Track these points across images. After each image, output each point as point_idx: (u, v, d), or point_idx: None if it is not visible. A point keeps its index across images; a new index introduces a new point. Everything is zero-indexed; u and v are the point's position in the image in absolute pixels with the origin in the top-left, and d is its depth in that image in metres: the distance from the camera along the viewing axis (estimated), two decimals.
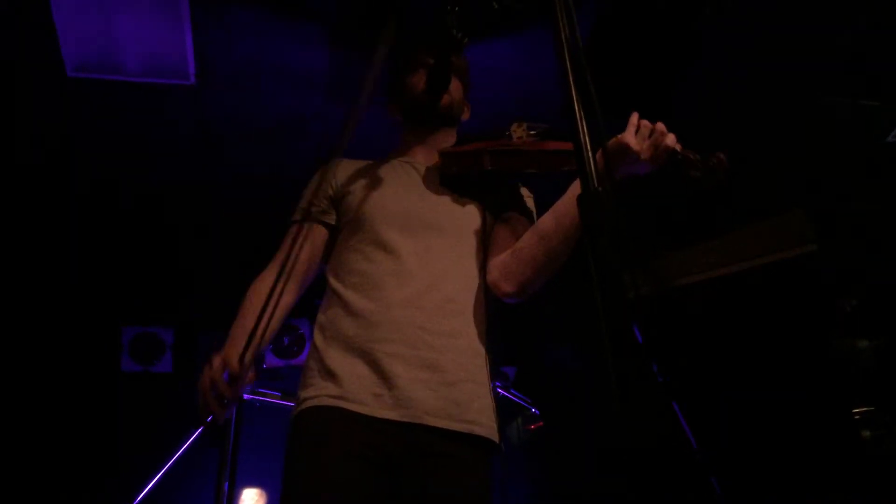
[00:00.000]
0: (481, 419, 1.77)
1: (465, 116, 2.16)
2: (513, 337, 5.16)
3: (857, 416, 2.21)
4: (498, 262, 1.90)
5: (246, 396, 3.88)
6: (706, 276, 2.25)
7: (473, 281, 1.89)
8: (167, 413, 4.99)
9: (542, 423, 5.01)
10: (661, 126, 1.76)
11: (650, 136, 1.74)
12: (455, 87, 2.03)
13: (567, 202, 1.80)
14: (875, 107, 3.37)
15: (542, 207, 1.93)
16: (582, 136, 1.10)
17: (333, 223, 2.00)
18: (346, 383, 1.72)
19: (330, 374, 1.75)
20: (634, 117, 1.75)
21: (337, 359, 1.77)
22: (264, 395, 4.00)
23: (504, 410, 4.96)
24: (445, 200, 1.97)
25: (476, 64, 2.16)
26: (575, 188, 1.75)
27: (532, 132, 1.92)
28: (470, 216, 1.95)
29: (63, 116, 3.97)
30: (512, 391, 4.87)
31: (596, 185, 1.05)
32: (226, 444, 3.72)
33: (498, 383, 4.74)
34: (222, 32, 3.47)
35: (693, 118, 3.91)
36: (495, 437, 1.79)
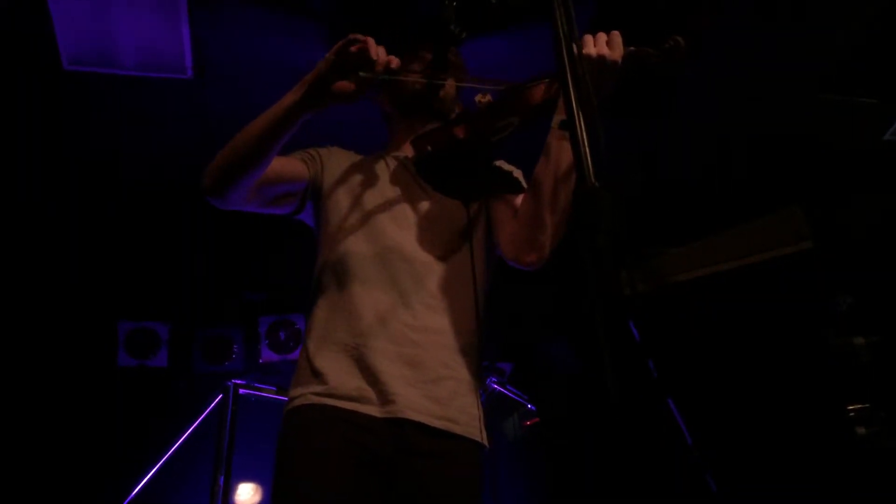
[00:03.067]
0: (461, 417, 1.76)
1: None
2: (509, 333, 5.17)
3: (852, 413, 2.21)
4: (506, 236, 1.87)
5: (242, 392, 3.89)
6: (702, 274, 2.25)
7: (460, 277, 1.87)
8: (163, 408, 5.00)
9: (537, 420, 5.01)
10: (613, 31, 1.73)
11: (609, 42, 1.70)
12: (451, 83, 2.02)
13: (551, 137, 1.75)
14: (872, 104, 3.38)
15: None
16: (579, 133, 1.10)
17: (312, 177, 1.98)
18: (333, 380, 1.72)
19: (316, 372, 1.75)
20: (587, 37, 1.70)
21: (324, 356, 1.76)
22: (260, 389, 4.01)
23: (500, 406, 4.98)
24: (430, 195, 1.96)
25: (473, 59, 2.16)
26: (557, 121, 1.73)
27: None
28: (456, 210, 1.93)
29: (59, 110, 3.96)
30: (508, 387, 4.87)
31: (593, 182, 1.05)
32: (221, 438, 3.72)
33: (494, 379, 4.75)
34: (220, 27, 3.46)
35: (691, 117, 3.92)
36: (476, 436, 1.77)
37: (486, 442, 1.81)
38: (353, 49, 1.63)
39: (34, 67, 3.61)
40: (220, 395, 3.92)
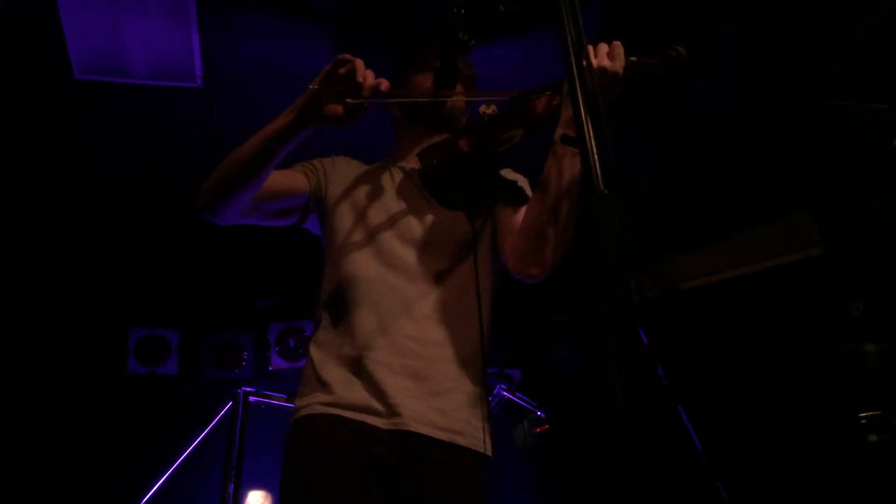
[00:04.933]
0: (466, 429, 1.77)
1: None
2: (518, 340, 5.16)
3: (863, 421, 2.20)
4: (509, 248, 1.87)
5: (251, 399, 3.89)
6: (711, 280, 2.24)
7: (465, 288, 1.87)
8: (173, 414, 5.01)
9: (547, 427, 5.00)
10: (614, 42, 1.72)
11: (610, 53, 1.69)
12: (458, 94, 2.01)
13: (553, 150, 1.73)
14: (883, 109, 3.36)
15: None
16: (588, 139, 1.10)
17: (314, 189, 1.99)
18: (339, 390, 1.74)
19: (322, 383, 1.76)
20: (588, 48, 1.70)
21: (329, 368, 1.78)
22: (269, 396, 4.01)
23: (509, 413, 4.97)
24: (435, 208, 1.95)
25: (481, 67, 2.16)
26: (559, 134, 1.71)
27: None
28: (461, 223, 1.93)
29: (71, 118, 3.99)
30: (517, 394, 4.87)
31: (602, 189, 1.05)
32: (231, 446, 3.72)
33: (503, 386, 4.75)
34: (229, 35, 3.48)
35: (700, 121, 3.91)
36: (480, 448, 1.78)
37: (490, 453, 1.81)
38: (341, 71, 1.63)
39: (46, 76, 3.64)
40: (230, 403, 3.92)
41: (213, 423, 4.40)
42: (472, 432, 1.77)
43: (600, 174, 1.07)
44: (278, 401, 4.00)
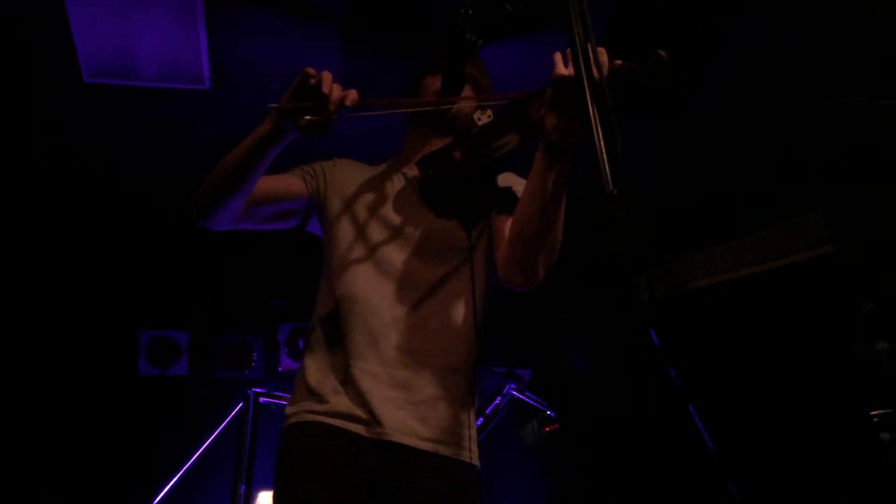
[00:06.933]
0: (450, 439, 1.78)
1: None
2: (529, 340, 5.15)
3: (875, 419, 2.19)
4: (499, 257, 1.86)
5: (262, 400, 3.90)
6: (722, 279, 2.24)
7: (459, 297, 1.87)
8: (183, 415, 5.02)
9: (557, 426, 4.99)
10: (598, 48, 1.69)
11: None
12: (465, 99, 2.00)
13: (538, 158, 1.68)
14: (893, 106, 3.35)
15: None
16: (597, 138, 1.10)
17: (312, 193, 1.99)
18: (327, 399, 1.76)
19: (312, 391, 1.79)
20: (558, 55, 1.64)
21: (319, 377, 1.80)
22: (280, 397, 4.01)
23: (519, 413, 4.96)
24: (433, 217, 1.94)
25: (489, 67, 2.16)
26: (547, 133, 1.65)
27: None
28: (458, 231, 1.92)
29: (80, 121, 4.00)
30: (527, 393, 4.86)
31: (612, 188, 1.05)
32: (241, 446, 3.73)
33: (513, 386, 4.74)
34: (237, 37, 3.49)
35: (709, 118, 3.90)
36: (466, 457, 1.79)
37: (476, 462, 1.82)
38: (311, 83, 1.63)
39: (55, 80, 3.65)
40: (241, 404, 3.94)
41: (224, 423, 4.40)
42: (455, 442, 1.78)
43: (609, 174, 1.07)
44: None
